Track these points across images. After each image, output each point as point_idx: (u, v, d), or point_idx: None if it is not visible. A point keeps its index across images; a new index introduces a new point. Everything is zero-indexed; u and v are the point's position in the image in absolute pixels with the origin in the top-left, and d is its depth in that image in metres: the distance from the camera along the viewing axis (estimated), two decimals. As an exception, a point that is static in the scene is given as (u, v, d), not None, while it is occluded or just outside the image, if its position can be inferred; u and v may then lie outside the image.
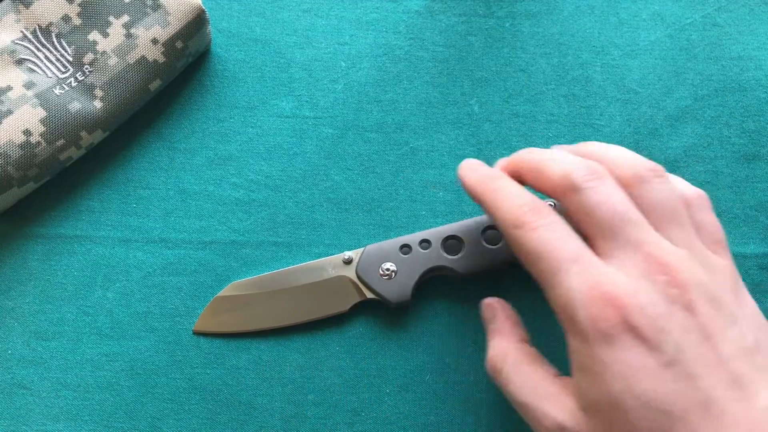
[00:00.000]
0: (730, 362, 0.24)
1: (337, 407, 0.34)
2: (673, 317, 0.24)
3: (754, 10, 0.41)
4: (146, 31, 0.36)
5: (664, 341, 0.23)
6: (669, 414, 0.23)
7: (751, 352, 0.24)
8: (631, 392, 0.23)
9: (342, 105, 0.39)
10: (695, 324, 0.24)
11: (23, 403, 0.34)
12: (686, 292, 0.24)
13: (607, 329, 0.24)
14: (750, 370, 0.24)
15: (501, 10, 0.41)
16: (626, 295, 0.24)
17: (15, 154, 0.34)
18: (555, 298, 0.25)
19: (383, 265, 0.34)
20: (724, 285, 0.26)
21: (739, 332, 0.25)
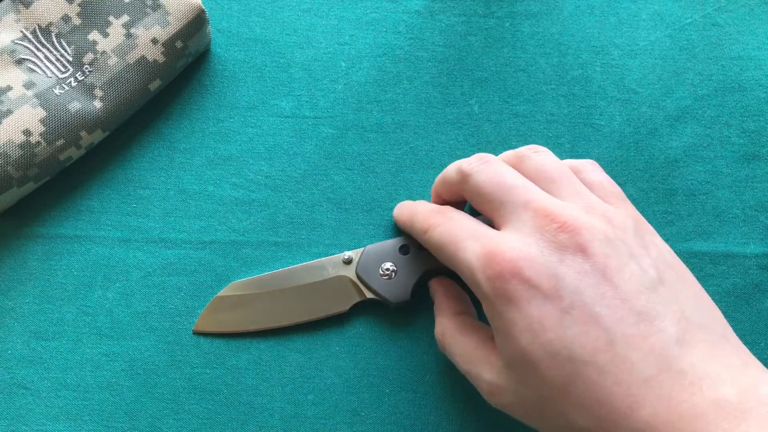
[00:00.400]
0: (631, 299, 0.24)
1: (337, 407, 0.34)
2: (565, 262, 0.24)
3: (753, 10, 0.41)
4: (146, 31, 0.36)
5: (560, 287, 0.24)
6: (575, 360, 0.23)
7: (654, 286, 0.24)
8: (536, 344, 0.24)
9: (342, 105, 0.39)
10: (590, 265, 0.24)
11: (23, 403, 0.34)
12: (577, 235, 0.25)
13: (504, 288, 0.25)
14: (654, 304, 0.24)
15: (501, 10, 0.41)
16: (515, 251, 0.25)
17: (15, 154, 0.34)
18: (461, 273, 0.27)
19: (383, 265, 0.34)
20: (620, 227, 0.26)
21: (639, 268, 0.25)
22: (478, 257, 0.26)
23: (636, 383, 0.23)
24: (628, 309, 0.23)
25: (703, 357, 0.23)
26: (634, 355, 0.23)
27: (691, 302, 0.25)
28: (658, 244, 0.27)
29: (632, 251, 0.25)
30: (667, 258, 0.26)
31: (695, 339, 0.23)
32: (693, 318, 0.24)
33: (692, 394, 0.22)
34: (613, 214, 0.26)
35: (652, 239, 0.27)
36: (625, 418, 0.23)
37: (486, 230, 0.27)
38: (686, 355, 0.23)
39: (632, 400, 0.22)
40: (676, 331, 0.23)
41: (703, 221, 0.37)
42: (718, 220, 0.37)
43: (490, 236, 0.27)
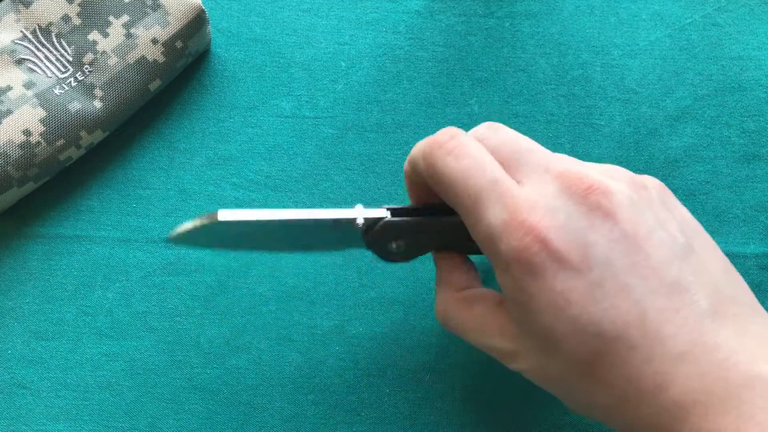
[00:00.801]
0: (663, 268, 0.22)
1: (337, 407, 0.34)
2: (595, 228, 0.22)
3: (753, 10, 0.41)
4: (146, 31, 0.36)
5: (590, 258, 0.22)
6: (604, 335, 0.22)
7: (684, 254, 0.23)
8: (560, 320, 0.22)
9: (342, 105, 0.39)
10: (621, 232, 0.22)
11: (23, 402, 0.34)
12: (605, 199, 0.23)
13: (529, 259, 0.22)
14: (686, 274, 0.22)
15: (501, 10, 0.41)
16: (544, 218, 0.22)
17: (15, 153, 0.34)
18: (477, 234, 0.24)
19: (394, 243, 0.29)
20: (645, 191, 0.24)
21: (668, 235, 0.23)
22: (502, 222, 0.23)
23: (667, 360, 0.21)
24: (659, 280, 0.22)
25: (737, 331, 0.21)
26: (666, 329, 0.21)
27: (721, 272, 0.23)
28: (681, 209, 0.25)
29: (659, 216, 0.23)
30: (692, 224, 0.25)
31: (728, 312, 0.22)
32: (724, 289, 0.23)
33: (726, 370, 0.21)
34: (637, 178, 0.25)
35: (676, 204, 0.25)
36: (652, 397, 0.21)
37: (509, 183, 0.24)
38: (720, 329, 0.21)
39: (662, 378, 0.21)
40: (709, 303, 0.22)
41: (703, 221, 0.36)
42: (718, 220, 0.37)
43: (514, 195, 0.23)
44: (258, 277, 0.36)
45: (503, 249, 0.23)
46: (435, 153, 0.25)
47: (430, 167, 0.26)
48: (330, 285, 0.36)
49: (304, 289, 0.36)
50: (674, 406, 0.21)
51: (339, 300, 0.35)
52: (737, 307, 0.22)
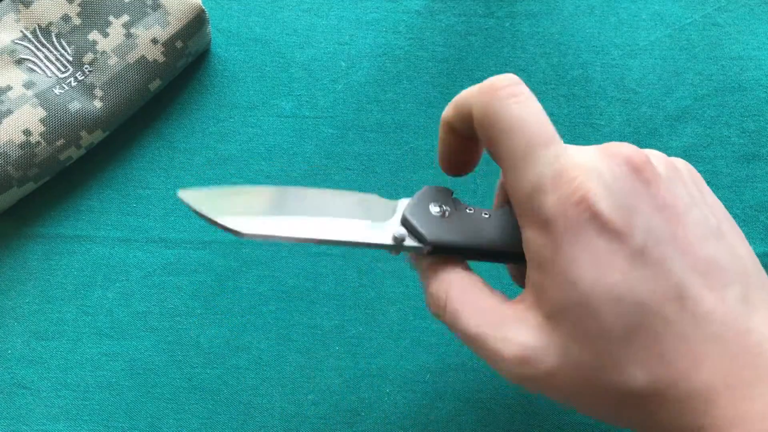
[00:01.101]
0: (700, 245, 0.22)
1: (337, 407, 0.34)
2: (638, 194, 0.22)
3: (753, 9, 0.41)
4: (146, 30, 0.36)
5: (633, 223, 0.21)
6: (643, 306, 0.21)
7: (719, 234, 0.22)
8: (600, 285, 0.21)
9: (342, 105, 0.39)
10: (662, 201, 0.22)
11: (23, 402, 0.34)
12: (646, 169, 0.22)
13: (576, 216, 0.21)
14: (721, 254, 0.22)
15: (501, 10, 0.41)
16: (592, 179, 0.22)
17: (15, 153, 0.34)
18: (519, 186, 0.23)
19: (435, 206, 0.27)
20: (678, 171, 0.24)
21: (702, 214, 0.23)
22: (554, 174, 0.22)
23: (701, 339, 0.21)
24: (697, 256, 0.21)
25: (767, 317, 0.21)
26: (702, 307, 0.21)
27: (750, 257, 0.23)
28: (710, 194, 0.25)
29: (693, 195, 0.23)
30: (721, 209, 0.24)
31: (759, 298, 0.22)
32: (754, 275, 0.22)
33: (757, 355, 0.20)
34: (670, 158, 0.24)
35: (706, 188, 0.25)
36: (684, 378, 0.21)
37: (561, 143, 0.23)
38: (752, 314, 0.21)
39: (694, 358, 0.21)
40: (741, 287, 0.21)
41: (703, 221, 0.37)
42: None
43: (568, 153, 0.23)
44: (258, 277, 0.36)
45: (549, 202, 0.22)
46: (497, 94, 0.24)
47: (486, 108, 0.24)
48: (330, 285, 0.36)
49: (304, 289, 0.36)
50: (705, 387, 0.21)
51: (339, 300, 0.35)
52: (766, 293, 0.22)
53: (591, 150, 0.23)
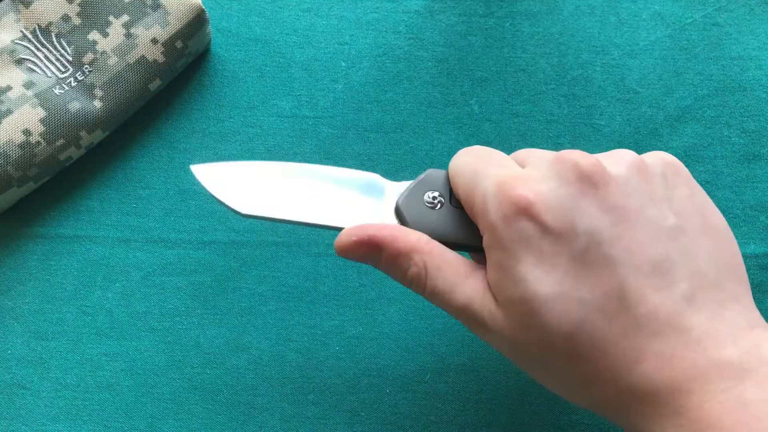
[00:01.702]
0: (648, 245, 0.22)
1: (337, 407, 0.34)
2: (584, 197, 0.23)
3: (754, 9, 0.41)
4: (146, 30, 0.36)
5: (576, 225, 0.22)
6: (584, 304, 0.22)
7: (673, 234, 0.23)
8: (543, 284, 0.22)
9: (342, 105, 0.39)
10: (609, 203, 0.23)
11: (23, 403, 0.34)
12: (595, 171, 0.23)
13: (515, 221, 0.23)
14: (670, 254, 0.23)
15: (501, 10, 0.41)
16: (531, 187, 0.23)
17: (15, 153, 0.34)
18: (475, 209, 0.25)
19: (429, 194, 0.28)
20: (644, 170, 0.24)
21: (659, 213, 0.23)
22: (494, 182, 0.24)
23: (641, 337, 0.22)
24: (643, 256, 0.22)
25: (711, 316, 0.22)
26: (643, 307, 0.22)
27: (710, 256, 0.24)
28: (689, 188, 0.25)
29: (654, 194, 0.24)
30: (695, 204, 0.25)
31: (707, 297, 0.23)
32: (708, 274, 0.23)
33: (694, 352, 0.22)
34: (640, 158, 0.25)
35: (684, 183, 0.25)
36: (627, 372, 0.22)
37: (510, 162, 0.26)
38: (694, 313, 0.22)
39: (636, 354, 0.22)
40: (688, 286, 0.22)
41: (703, 221, 0.37)
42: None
43: (511, 167, 0.25)
44: (258, 277, 0.36)
45: (492, 215, 0.24)
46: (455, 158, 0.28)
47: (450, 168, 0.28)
48: (330, 285, 0.36)
49: (304, 289, 0.36)
50: (645, 382, 0.22)
51: (339, 300, 0.35)
52: (717, 292, 0.23)
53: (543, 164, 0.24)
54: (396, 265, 0.26)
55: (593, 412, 0.34)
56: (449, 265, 0.26)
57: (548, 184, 0.23)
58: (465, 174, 0.26)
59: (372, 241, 0.26)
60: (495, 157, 0.26)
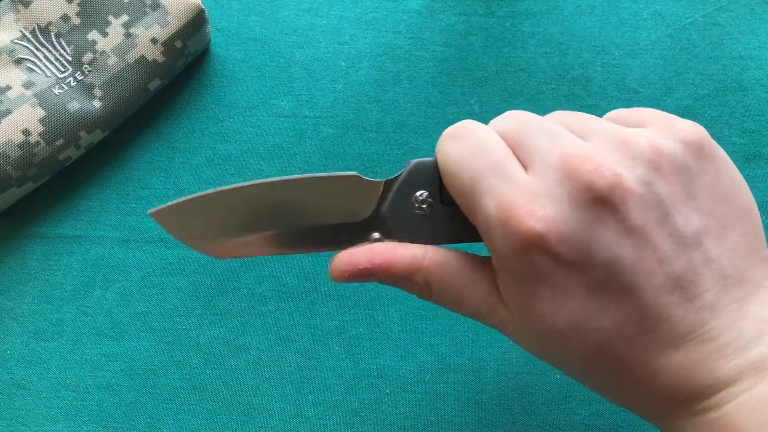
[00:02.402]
0: (671, 261, 0.21)
1: (337, 407, 0.34)
2: (601, 222, 0.21)
3: (754, 9, 0.41)
4: (145, 30, 0.36)
5: (594, 257, 0.21)
6: (602, 330, 0.21)
7: (696, 241, 0.21)
8: (560, 315, 0.21)
9: (342, 105, 0.39)
10: (628, 225, 0.21)
11: (22, 403, 0.34)
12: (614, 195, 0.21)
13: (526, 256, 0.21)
14: (693, 265, 0.21)
15: (501, 10, 0.41)
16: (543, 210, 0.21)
17: (14, 153, 0.34)
18: (477, 220, 0.23)
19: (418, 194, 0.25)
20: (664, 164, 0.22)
21: (683, 221, 0.21)
22: (497, 206, 0.21)
23: (661, 351, 0.21)
24: (665, 275, 0.21)
25: (734, 317, 0.21)
26: (665, 324, 0.21)
27: (734, 250, 0.22)
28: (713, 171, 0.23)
29: (675, 198, 0.21)
30: (720, 190, 0.23)
31: (730, 299, 0.22)
32: (732, 275, 0.22)
33: (716, 360, 0.21)
34: (658, 150, 0.22)
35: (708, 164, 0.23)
36: (643, 384, 0.22)
37: (512, 167, 0.22)
38: (717, 320, 0.21)
39: (653, 367, 0.21)
40: (712, 295, 0.21)
41: (703, 221, 0.37)
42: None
43: (515, 180, 0.22)
44: (258, 277, 0.36)
45: (498, 242, 0.22)
46: (441, 141, 0.24)
47: (438, 157, 0.24)
48: (330, 285, 0.36)
49: (304, 289, 0.36)
50: (663, 392, 0.22)
51: (339, 300, 0.35)
52: (741, 290, 0.22)
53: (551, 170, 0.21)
54: (397, 285, 0.25)
55: (593, 416, 0.34)
56: (452, 276, 0.24)
57: (559, 208, 0.21)
58: (459, 178, 0.23)
59: (366, 273, 0.24)
60: (491, 155, 0.22)
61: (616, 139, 0.22)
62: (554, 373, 0.34)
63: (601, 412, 0.34)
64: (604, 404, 0.34)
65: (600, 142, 0.22)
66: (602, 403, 0.34)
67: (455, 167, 0.23)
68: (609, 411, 0.34)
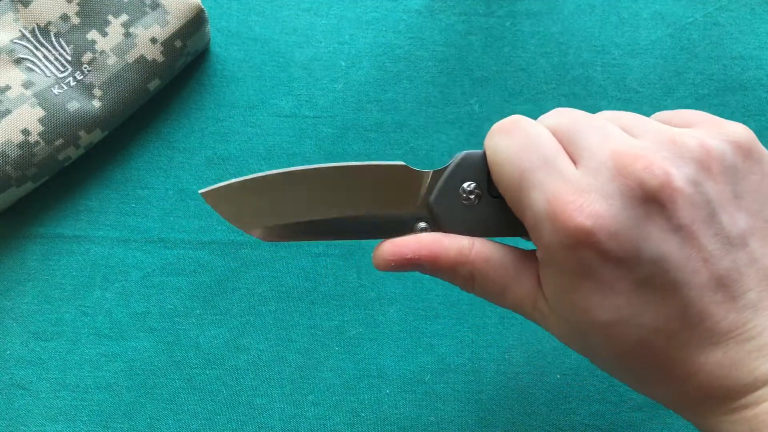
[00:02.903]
0: (715, 260, 0.21)
1: (337, 408, 0.34)
2: (649, 220, 0.21)
3: (755, 9, 0.41)
4: (145, 30, 0.36)
5: (641, 254, 0.21)
6: (644, 326, 0.22)
7: (742, 241, 0.22)
8: (605, 309, 0.22)
9: (342, 104, 0.39)
10: (677, 222, 0.21)
11: (22, 403, 0.34)
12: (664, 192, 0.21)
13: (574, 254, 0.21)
14: (737, 265, 0.22)
15: (501, 9, 0.41)
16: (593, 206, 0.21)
17: (13, 153, 0.34)
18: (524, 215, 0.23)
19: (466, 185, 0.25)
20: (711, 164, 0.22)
21: (729, 220, 0.22)
22: (547, 205, 0.22)
23: (701, 350, 0.21)
24: (709, 273, 0.21)
25: None
26: (707, 322, 0.21)
27: None
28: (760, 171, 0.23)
29: (722, 198, 0.22)
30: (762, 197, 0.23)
31: None
32: None
33: (756, 359, 0.21)
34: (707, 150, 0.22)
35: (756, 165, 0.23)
36: (682, 381, 0.22)
37: (563, 164, 0.22)
38: (758, 318, 0.21)
39: (693, 365, 0.22)
40: (755, 294, 0.22)
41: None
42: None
43: (564, 176, 0.22)
44: (257, 277, 0.36)
45: (545, 237, 0.22)
46: (490, 135, 0.24)
47: (487, 151, 0.24)
48: (330, 285, 0.36)
49: (303, 289, 0.36)
50: (702, 389, 0.22)
51: (339, 300, 0.35)
52: None
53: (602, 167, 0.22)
54: (441, 276, 0.25)
55: (593, 416, 0.34)
56: (496, 270, 0.24)
57: (609, 205, 0.21)
58: (508, 172, 0.23)
59: (412, 262, 0.25)
60: (542, 150, 0.23)
61: (665, 137, 0.22)
62: (554, 373, 0.34)
63: (601, 412, 0.34)
64: (604, 404, 0.34)
65: (650, 140, 0.22)
66: (602, 403, 0.34)
67: (504, 161, 0.23)
68: (609, 411, 0.34)
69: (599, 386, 0.34)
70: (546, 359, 0.34)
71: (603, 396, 0.34)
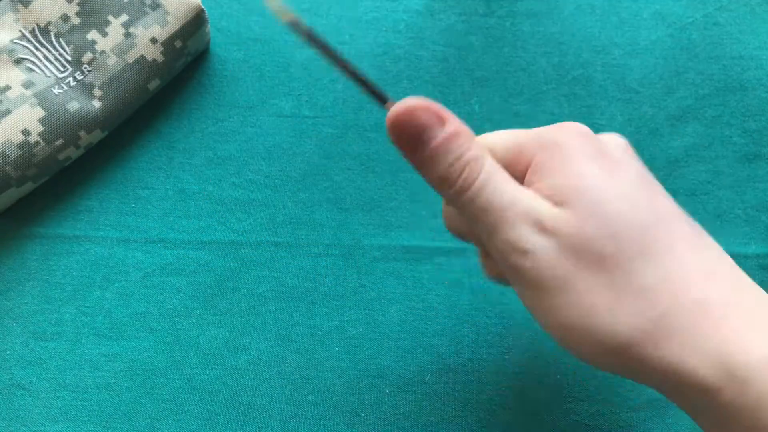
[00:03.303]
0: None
1: (337, 408, 0.34)
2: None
3: (755, 9, 0.40)
4: (145, 30, 0.36)
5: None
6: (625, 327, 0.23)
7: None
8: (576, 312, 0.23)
9: (342, 104, 0.39)
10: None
11: (22, 403, 0.34)
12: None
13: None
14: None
15: (501, 10, 0.41)
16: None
17: (13, 153, 0.34)
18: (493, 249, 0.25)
19: None
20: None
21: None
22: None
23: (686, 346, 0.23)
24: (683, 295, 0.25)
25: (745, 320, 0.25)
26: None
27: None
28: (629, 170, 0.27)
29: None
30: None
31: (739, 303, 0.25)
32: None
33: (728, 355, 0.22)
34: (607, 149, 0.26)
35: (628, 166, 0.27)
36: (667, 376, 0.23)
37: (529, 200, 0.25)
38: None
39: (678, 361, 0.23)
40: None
41: (704, 221, 0.36)
42: (720, 220, 0.37)
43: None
44: (257, 277, 0.36)
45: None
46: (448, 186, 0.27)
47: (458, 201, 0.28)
48: (330, 285, 0.36)
49: (303, 289, 0.36)
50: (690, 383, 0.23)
51: (339, 300, 0.35)
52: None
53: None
54: (448, 151, 0.25)
55: (593, 416, 0.34)
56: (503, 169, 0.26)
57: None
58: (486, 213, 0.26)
59: (437, 112, 0.25)
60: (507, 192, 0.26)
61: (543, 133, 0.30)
62: (554, 373, 0.34)
63: (601, 412, 0.34)
64: (604, 404, 0.34)
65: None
66: (602, 403, 0.34)
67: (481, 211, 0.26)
68: (609, 411, 0.34)
69: (599, 386, 0.34)
70: (546, 359, 0.34)
71: (603, 396, 0.34)
